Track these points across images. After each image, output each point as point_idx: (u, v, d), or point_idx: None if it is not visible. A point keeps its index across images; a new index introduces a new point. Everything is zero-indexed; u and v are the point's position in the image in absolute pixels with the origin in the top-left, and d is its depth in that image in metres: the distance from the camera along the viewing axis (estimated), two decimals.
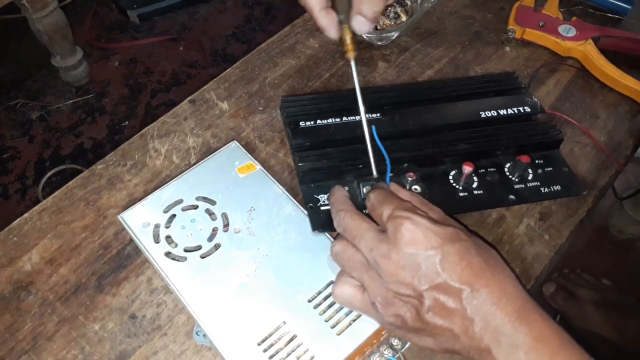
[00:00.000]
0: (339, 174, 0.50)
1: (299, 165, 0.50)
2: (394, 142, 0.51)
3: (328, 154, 0.50)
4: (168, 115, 0.60)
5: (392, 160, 0.48)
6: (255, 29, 1.82)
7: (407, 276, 0.36)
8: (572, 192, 0.51)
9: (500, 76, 0.60)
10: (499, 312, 0.34)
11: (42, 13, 1.35)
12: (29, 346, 0.44)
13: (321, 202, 0.48)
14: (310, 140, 0.52)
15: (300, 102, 0.55)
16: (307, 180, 0.50)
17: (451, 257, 0.35)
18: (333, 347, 0.40)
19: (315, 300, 0.42)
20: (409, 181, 0.50)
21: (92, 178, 0.54)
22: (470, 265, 0.35)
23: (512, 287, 0.36)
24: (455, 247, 0.36)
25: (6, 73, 1.66)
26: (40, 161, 1.47)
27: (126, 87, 1.65)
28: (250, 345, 0.40)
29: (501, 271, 0.36)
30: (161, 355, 0.44)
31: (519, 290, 0.36)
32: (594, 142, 0.57)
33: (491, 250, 0.38)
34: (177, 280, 0.44)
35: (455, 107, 0.56)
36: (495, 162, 0.52)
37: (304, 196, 0.49)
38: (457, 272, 0.35)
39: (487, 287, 0.35)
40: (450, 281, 0.35)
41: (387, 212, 0.38)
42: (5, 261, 0.49)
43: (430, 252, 0.35)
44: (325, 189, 0.49)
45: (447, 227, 0.37)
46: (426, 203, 0.42)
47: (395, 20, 0.65)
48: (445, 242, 0.36)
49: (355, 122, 0.53)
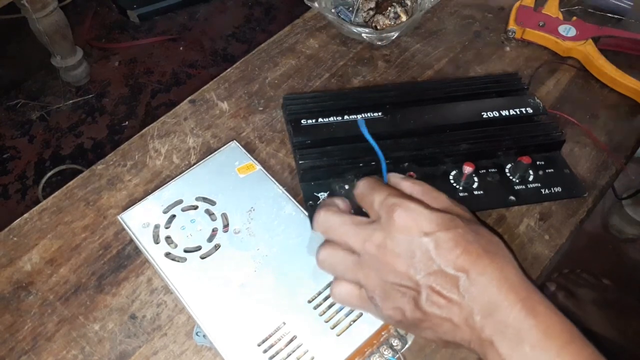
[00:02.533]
0: (339, 172, 0.50)
1: (300, 163, 0.50)
2: (395, 142, 0.51)
3: (329, 152, 0.50)
4: (168, 116, 0.60)
5: (393, 159, 0.48)
6: (255, 29, 1.82)
7: (403, 265, 0.34)
8: (573, 194, 0.51)
9: (503, 77, 0.60)
10: (500, 300, 0.33)
11: (42, 13, 1.35)
12: (28, 346, 0.44)
13: (321, 200, 0.48)
14: (312, 138, 0.52)
15: (302, 100, 0.55)
16: (308, 178, 0.50)
17: (445, 243, 0.34)
18: (333, 348, 0.40)
19: (315, 300, 0.42)
20: None
21: (92, 178, 0.54)
22: (467, 252, 0.34)
23: (514, 275, 0.34)
24: (450, 233, 0.34)
25: (6, 73, 1.66)
26: (40, 161, 1.47)
27: (126, 87, 1.65)
28: (250, 346, 0.40)
29: (502, 258, 0.34)
30: (161, 356, 0.44)
31: (521, 279, 0.34)
32: (594, 142, 0.57)
33: (493, 237, 0.36)
34: (177, 280, 0.44)
35: (456, 107, 0.56)
36: (496, 163, 0.52)
37: (304, 194, 0.49)
38: (452, 259, 0.33)
39: (485, 274, 0.33)
40: (446, 268, 0.33)
41: (379, 199, 0.37)
42: (5, 261, 0.49)
43: (424, 239, 0.34)
44: (325, 187, 0.49)
45: (444, 214, 0.35)
46: (429, 191, 0.39)
47: (395, 20, 0.65)
48: (439, 228, 0.34)
49: (357, 121, 0.53)
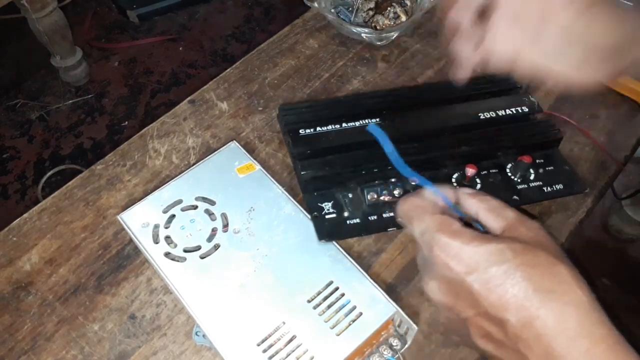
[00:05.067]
0: (342, 181, 0.50)
1: (301, 174, 0.49)
2: (396, 148, 0.51)
3: (330, 161, 0.50)
4: (168, 116, 0.60)
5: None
6: (254, 29, 1.82)
7: (450, 302, 0.33)
8: (574, 190, 0.52)
9: (497, 77, 0.60)
10: (558, 353, 0.28)
11: (41, 13, 1.35)
12: (28, 346, 0.44)
13: (326, 211, 0.48)
14: (311, 148, 0.51)
15: (298, 110, 0.55)
16: (311, 189, 0.50)
17: (486, 284, 0.30)
18: (332, 348, 0.40)
19: (314, 300, 0.42)
20: (410, 184, 0.50)
21: (92, 178, 0.54)
22: (512, 294, 0.30)
23: (575, 320, 0.29)
24: (492, 270, 0.30)
25: (6, 73, 1.66)
26: (39, 161, 1.47)
27: (126, 87, 1.65)
28: (249, 346, 0.40)
29: (561, 296, 0.29)
30: (161, 356, 0.44)
31: (587, 322, 0.29)
32: (593, 142, 0.57)
33: (555, 267, 0.31)
34: (176, 280, 0.44)
35: (453, 109, 0.56)
36: (496, 164, 0.52)
37: (308, 205, 0.49)
38: (495, 300, 0.30)
39: (539, 319, 0.29)
40: (491, 310, 0.30)
41: (418, 231, 0.35)
42: (5, 261, 0.49)
43: (466, 280, 0.31)
44: (329, 196, 0.49)
45: (489, 247, 0.31)
46: (496, 208, 0.35)
47: (395, 20, 0.65)
48: (480, 267, 0.31)
49: (355, 127, 0.53)
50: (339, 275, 0.44)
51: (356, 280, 0.43)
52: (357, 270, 0.44)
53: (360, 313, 0.41)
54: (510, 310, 0.29)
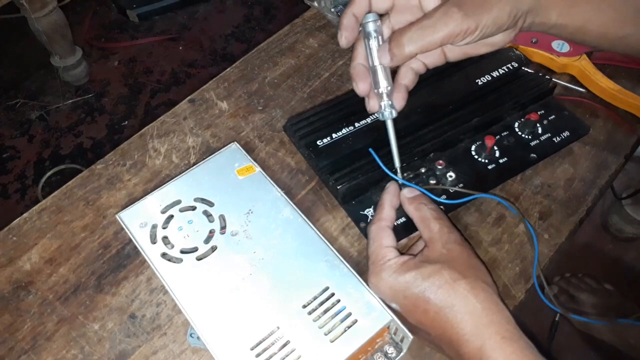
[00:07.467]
0: (374, 182, 0.50)
1: (337, 189, 0.49)
2: (413, 137, 0.52)
3: (358, 167, 0.50)
4: (167, 115, 0.60)
5: (418, 154, 0.50)
6: (254, 28, 1.81)
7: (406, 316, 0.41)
8: (580, 133, 0.55)
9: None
10: (463, 349, 0.37)
11: (41, 13, 1.35)
12: (28, 346, 0.44)
13: (370, 217, 0.49)
14: (335, 158, 0.51)
15: (306, 120, 0.54)
16: (349, 199, 0.50)
17: (406, 308, 0.40)
18: (326, 354, 0.39)
19: (310, 306, 0.42)
20: (439, 169, 0.51)
21: (92, 178, 0.54)
22: (425, 311, 0.38)
23: (470, 324, 0.37)
24: (408, 298, 0.39)
25: (6, 73, 1.66)
26: (39, 161, 1.47)
27: (125, 86, 1.65)
28: (243, 350, 0.40)
29: (461, 307, 0.37)
30: (161, 355, 0.44)
31: (481, 324, 0.37)
32: (593, 142, 0.57)
33: (457, 282, 0.38)
34: (172, 281, 0.43)
35: (453, 82, 0.57)
36: (504, 126, 0.55)
37: (351, 217, 0.50)
38: (419, 320, 0.39)
39: (446, 330, 0.38)
40: (418, 324, 0.39)
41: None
42: (5, 261, 0.49)
43: (392, 303, 0.41)
44: (367, 202, 0.50)
45: (405, 275, 0.39)
46: (424, 220, 0.43)
47: None
48: (396, 295, 0.40)
49: (368, 124, 0.54)
50: (336, 281, 0.43)
51: (352, 287, 0.43)
52: (354, 276, 0.43)
53: (356, 320, 0.41)
54: (426, 325, 0.39)
